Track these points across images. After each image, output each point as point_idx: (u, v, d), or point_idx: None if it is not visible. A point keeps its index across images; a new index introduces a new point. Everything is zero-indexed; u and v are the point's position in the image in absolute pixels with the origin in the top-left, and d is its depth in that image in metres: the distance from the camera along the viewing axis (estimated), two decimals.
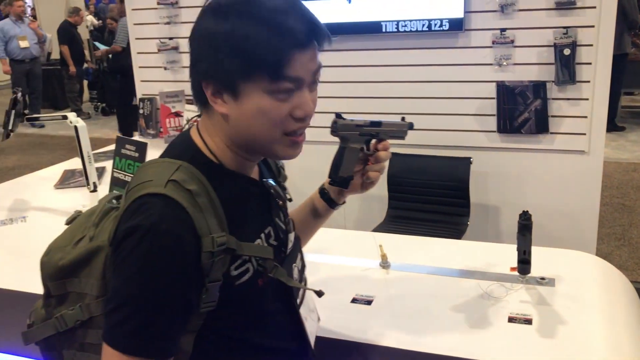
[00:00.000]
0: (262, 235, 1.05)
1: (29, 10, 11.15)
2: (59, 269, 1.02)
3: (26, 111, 2.51)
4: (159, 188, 0.91)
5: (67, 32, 8.55)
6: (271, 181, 1.12)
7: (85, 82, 9.34)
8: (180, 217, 0.90)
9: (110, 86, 8.56)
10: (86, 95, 9.53)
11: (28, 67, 8.32)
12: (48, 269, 1.04)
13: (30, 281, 0.92)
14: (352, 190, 1.32)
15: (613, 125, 6.46)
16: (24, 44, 8.13)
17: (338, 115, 1.20)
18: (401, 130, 1.30)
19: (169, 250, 0.88)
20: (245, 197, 1.04)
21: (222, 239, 0.92)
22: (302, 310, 1.14)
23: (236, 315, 0.99)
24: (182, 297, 0.91)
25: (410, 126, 1.29)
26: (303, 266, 1.20)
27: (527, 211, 1.64)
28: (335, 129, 1.24)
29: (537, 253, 1.70)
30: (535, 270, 1.69)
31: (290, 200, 1.20)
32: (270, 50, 0.89)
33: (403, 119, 1.28)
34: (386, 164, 1.28)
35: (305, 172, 3.31)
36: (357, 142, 1.31)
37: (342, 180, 1.30)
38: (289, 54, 0.90)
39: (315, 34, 0.94)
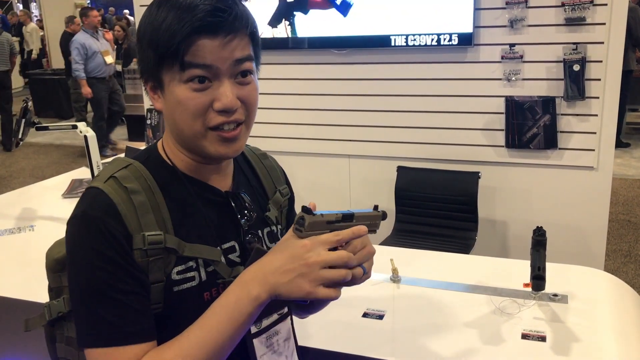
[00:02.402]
0: (219, 248, 0.99)
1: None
2: (55, 262, 1.05)
3: (36, 120, 2.52)
4: (99, 183, 0.93)
5: (69, 43, 8.51)
6: (245, 195, 1.05)
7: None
8: (109, 208, 0.90)
9: None
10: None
11: (111, 85, 7.17)
12: (48, 261, 1.07)
13: (37, 290, 0.92)
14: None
15: (618, 142, 6.46)
16: (109, 59, 6.99)
17: (306, 209, 0.91)
18: (374, 223, 1.04)
19: (99, 233, 0.88)
20: (199, 203, 0.99)
21: (156, 237, 0.91)
22: (258, 341, 1.01)
23: (178, 325, 0.92)
24: (126, 274, 0.89)
25: (384, 216, 1.05)
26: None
27: (541, 227, 1.63)
28: (302, 228, 0.90)
29: (549, 269, 1.69)
30: (548, 287, 1.68)
31: (278, 224, 1.11)
32: (171, 35, 0.88)
33: (376, 207, 1.05)
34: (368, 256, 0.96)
35: (310, 183, 3.32)
36: None
37: None
38: (189, 38, 0.87)
39: (223, 22, 0.89)
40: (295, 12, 3.22)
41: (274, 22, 3.26)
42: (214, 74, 0.90)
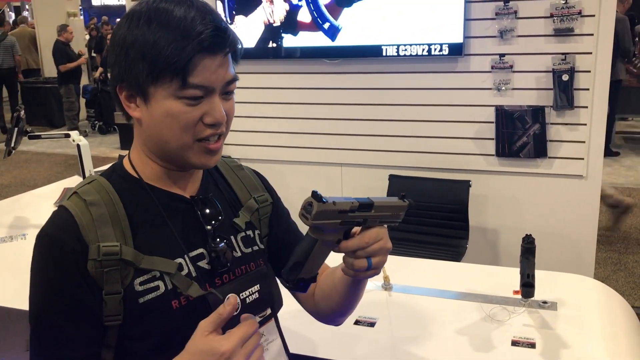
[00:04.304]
0: (186, 257, 0.99)
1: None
2: None
3: (28, 128, 2.52)
4: (64, 201, 0.98)
5: (61, 52, 8.50)
6: (212, 198, 1.05)
7: (83, 100, 9.35)
8: (67, 224, 0.93)
9: (108, 104, 8.58)
10: (83, 113, 9.54)
11: None
12: None
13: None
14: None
15: (608, 151, 6.51)
16: None
17: (315, 195, 0.85)
18: (396, 214, 0.98)
19: (51, 253, 0.93)
20: (163, 213, 0.99)
21: (111, 249, 0.92)
22: None
23: (148, 336, 0.95)
24: (71, 301, 0.92)
25: (410, 207, 1.00)
26: (261, 301, 1.04)
27: (530, 235, 1.65)
28: (308, 216, 0.85)
29: (539, 277, 1.71)
30: (538, 294, 1.70)
31: (254, 229, 1.11)
32: (175, 53, 0.89)
33: (403, 197, 0.98)
34: (379, 247, 0.95)
35: (303, 192, 3.33)
36: (334, 234, 0.93)
37: (300, 283, 0.95)
38: (193, 58, 0.90)
39: (224, 42, 0.93)
40: (283, 35, 3.25)
41: (260, 44, 3.30)
42: (208, 91, 0.93)
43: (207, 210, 1.04)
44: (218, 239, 1.03)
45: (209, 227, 1.02)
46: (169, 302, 0.96)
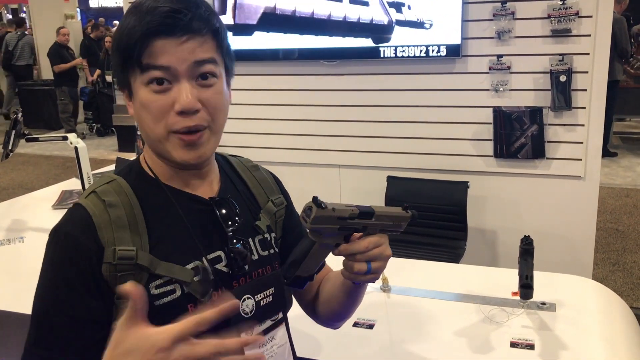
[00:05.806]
0: (204, 259, 0.98)
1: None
2: None
3: (26, 131, 2.51)
4: (81, 199, 0.95)
5: (57, 54, 8.52)
6: (231, 200, 1.03)
7: (81, 103, 9.34)
8: (84, 223, 0.91)
9: (105, 107, 8.57)
10: (81, 116, 9.52)
11: None
12: None
13: (28, 302, 0.92)
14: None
15: (605, 151, 6.53)
16: None
17: (316, 201, 0.87)
18: (398, 224, 1.00)
19: (65, 252, 0.90)
20: (182, 215, 0.98)
21: (127, 253, 0.91)
22: (250, 349, 0.95)
23: None
24: (81, 303, 0.89)
25: (413, 218, 1.03)
26: (274, 305, 1.06)
27: (529, 236, 1.65)
28: (307, 219, 0.88)
29: (537, 278, 1.71)
30: (536, 295, 1.70)
31: (270, 232, 1.11)
32: (129, 37, 0.90)
33: (406, 208, 1.01)
34: (379, 252, 0.98)
35: (301, 193, 3.33)
36: (333, 238, 0.96)
37: (297, 280, 1.00)
38: (145, 40, 0.89)
39: (178, 23, 0.90)
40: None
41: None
42: (173, 75, 0.91)
43: (226, 212, 1.01)
44: (235, 241, 1.01)
45: (229, 229, 1.00)
46: (184, 306, 0.95)
